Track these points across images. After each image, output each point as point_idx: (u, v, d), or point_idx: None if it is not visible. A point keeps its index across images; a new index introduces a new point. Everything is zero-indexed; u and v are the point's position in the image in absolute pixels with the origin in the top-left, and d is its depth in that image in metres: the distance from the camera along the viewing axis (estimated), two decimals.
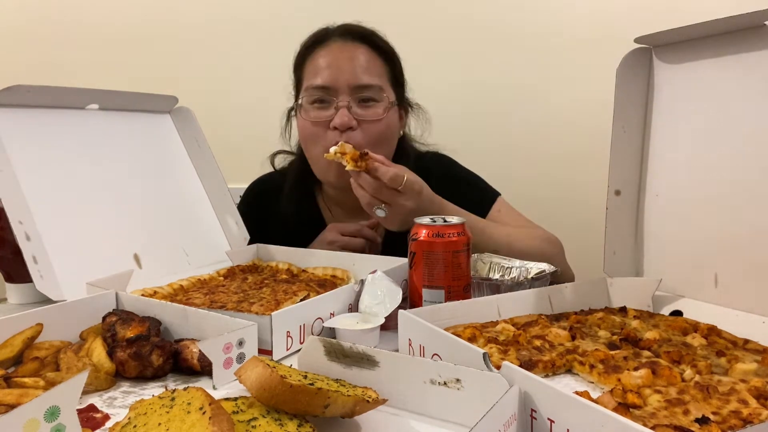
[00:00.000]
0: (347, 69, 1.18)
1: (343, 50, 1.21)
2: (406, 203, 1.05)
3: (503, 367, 0.56)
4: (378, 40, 1.24)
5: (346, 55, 1.20)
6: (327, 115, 1.18)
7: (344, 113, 1.16)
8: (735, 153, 0.80)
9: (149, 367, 0.69)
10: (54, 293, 0.88)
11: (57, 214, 0.96)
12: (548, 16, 1.85)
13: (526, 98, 1.90)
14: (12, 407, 0.56)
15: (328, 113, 1.19)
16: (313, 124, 1.20)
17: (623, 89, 0.90)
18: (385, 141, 1.22)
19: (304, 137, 1.25)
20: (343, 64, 1.19)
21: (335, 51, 1.21)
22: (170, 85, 1.31)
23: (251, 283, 1.03)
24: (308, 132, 1.22)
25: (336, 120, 1.16)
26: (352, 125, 1.17)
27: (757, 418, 0.53)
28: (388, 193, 1.05)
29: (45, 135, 1.01)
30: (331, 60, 1.20)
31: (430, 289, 0.86)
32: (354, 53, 1.20)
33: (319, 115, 1.20)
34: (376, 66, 1.22)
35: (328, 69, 1.19)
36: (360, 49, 1.21)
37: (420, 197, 1.06)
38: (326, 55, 1.21)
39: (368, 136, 1.18)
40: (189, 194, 1.22)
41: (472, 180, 1.36)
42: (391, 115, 1.22)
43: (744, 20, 0.76)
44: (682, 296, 0.86)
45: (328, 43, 1.22)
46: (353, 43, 1.21)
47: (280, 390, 0.51)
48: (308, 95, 1.21)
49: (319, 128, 1.20)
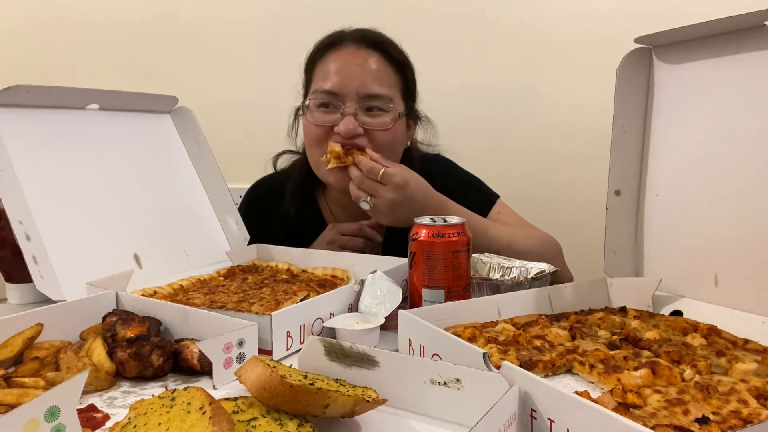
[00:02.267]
0: (357, 76, 1.16)
1: (356, 56, 1.19)
2: (387, 195, 1.07)
3: (503, 367, 0.56)
4: (392, 49, 1.22)
5: (358, 62, 1.18)
6: (332, 120, 1.17)
7: (350, 120, 1.14)
8: (735, 153, 0.80)
9: (149, 367, 0.69)
10: (54, 293, 0.88)
11: (57, 214, 0.96)
12: (548, 17, 1.85)
13: (527, 98, 1.90)
14: (12, 407, 0.56)
15: (333, 118, 1.17)
16: (317, 127, 1.19)
17: (623, 89, 0.90)
18: (391, 151, 1.20)
19: (308, 139, 1.24)
20: (354, 70, 1.17)
21: (347, 56, 1.19)
22: (170, 85, 1.31)
23: (251, 283, 1.03)
24: (312, 134, 1.21)
25: (340, 127, 1.15)
26: (358, 132, 1.15)
27: (757, 418, 0.53)
28: (370, 183, 1.07)
29: (45, 135, 1.01)
30: (342, 65, 1.18)
31: (430, 289, 0.86)
32: (366, 60, 1.18)
33: (324, 119, 1.18)
34: (387, 75, 1.20)
35: (338, 74, 1.17)
36: (373, 56, 1.19)
37: (404, 190, 1.06)
38: (338, 60, 1.19)
39: (373, 145, 1.16)
40: (189, 194, 1.22)
41: (473, 181, 1.37)
42: (398, 125, 1.21)
43: (744, 20, 0.76)
44: (682, 296, 0.86)
45: (342, 47, 1.21)
46: (367, 50, 1.20)
47: (280, 390, 0.51)
48: (316, 98, 1.19)
49: (323, 132, 1.18)
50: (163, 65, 2.14)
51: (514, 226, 1.24)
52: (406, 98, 1.25)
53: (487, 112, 1.94)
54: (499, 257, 0.98)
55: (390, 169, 1.07)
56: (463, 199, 1.15)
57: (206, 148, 1.24)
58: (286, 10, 2.01)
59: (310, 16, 1.36)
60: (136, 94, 1.15)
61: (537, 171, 1.90)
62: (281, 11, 2.02)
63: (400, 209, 1.08)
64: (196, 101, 1.30)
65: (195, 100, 1.29)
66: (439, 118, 1.39)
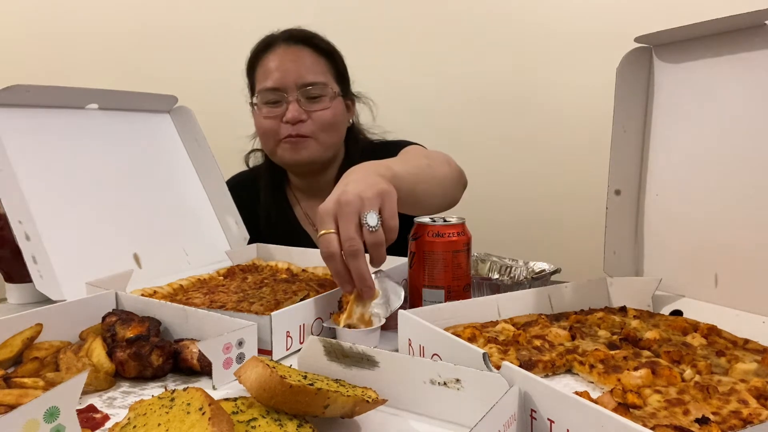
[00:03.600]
0: (293, 70, 1.30)
1: (288, 53, 1.33)
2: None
3: (503, 367, 0.56)
4: (319, 42, 1.35)
5: (291, 57, 1.32)
6: (279, 112, 1.31)
7: (294, 108, 1.29)
8: (735, 153, 0.80)
9: (149, 368, 0.69)
10: (54, 293, 0.88)
11: (57, 214, 0.96)
12: (548, 17, 1.85)
13: (527, 98, 1.90)
14: (12, 407, 0.56)
15: (280, 110, 1.31)
16: (268, 120, 1.33)
17: (623, 89, 0.90)
18: (333, 128, 1.34)
19: (261, 131, 1.36)
20: (289, 65, 1.31)
21: (281, 54, 1.33)
22: (170, 85, 1.31)
23: (251, 282, 1.03)
24: (264, 127, 1.34)
25: (288, 114, 1.29)
26: (302, 118, 1.29)
27: (757, 418, 0.53)
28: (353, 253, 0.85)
29: (45, 135, 1.01)
30: (279, 63, 1.32)
31: (430, 289, 0.86)
32: (298, 55, 1.32)
33: (272, 111, 1.32)
34: (319, 65, 1.34)
35: (277, 71, 1.31)
36: (303, 51, 1.33)
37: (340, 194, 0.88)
38: (274, 59, 1.33)
39: (317, 125, 1.31)
40: (189, 194, 1.22)
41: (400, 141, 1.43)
42: (336, 104, 1.34)
43: (744, 20, 0.76)
44: (682, 296, 0.86)
45: (275, 47, 1.34)
46: (296, 46, 1.33)
47: (280, 390, 0.51)
48: (262, 96, 1.33)
49: (274, 122, 1.32)
50: (163, 65, 2.14)
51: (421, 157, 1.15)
52: (339, 82, 1.37)
53: (487, 111, 1.94)
54: (499, 257, 0.98)
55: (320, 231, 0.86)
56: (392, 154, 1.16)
57: (206, 148, 1.24)
58: (287, 10, 2.01)
59: (310, 16, 1.36)
60: (135, 93, 1.15)
61: (537, 170, 1.90)
62: (281, 11, 2.02)
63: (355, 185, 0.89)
64: (196, 101, 1.30)
65: (195, 100, 1.29)
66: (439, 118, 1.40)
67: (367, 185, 0.81)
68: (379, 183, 0.82)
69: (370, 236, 0.78)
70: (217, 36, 2.11)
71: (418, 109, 1.92)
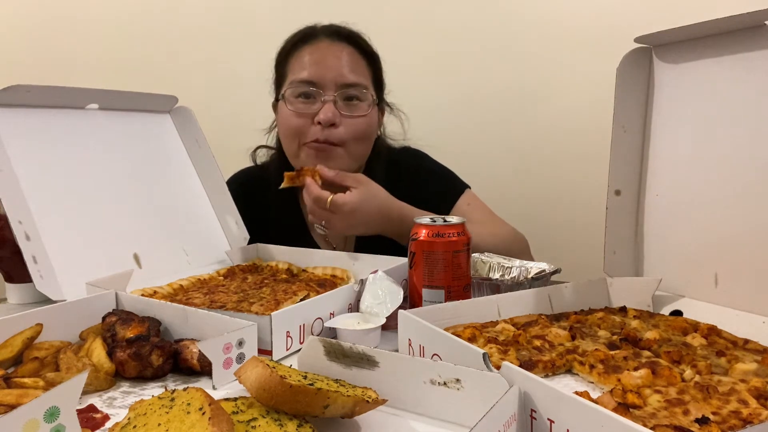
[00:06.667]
0: (334, 66, 1.20)
1: (331, 48, 1.22)
2: (338, 224, 1.08)
3: (503, 368, 0.56)
4: (363, 42, 1.26)
5: (334, 53, 1.21)
6: (312, 109, 1.19)
7: (330, 108, 1.17)
8: (735, 153, 0.80)
9: (149, 368, 0.69)
10: (54, 293, 0.88)
11: (57, 214, 0.96)
12: (547, 16, 1.85)
13: (527, 98, 1.90)
14: (12, 407, 0.56)
15: (313, 107, 1.20)
16: (297, 116, 1.21)
17: (623, 89, 0.90)
18: (366, 138, 1.25)
19: (285, 129, 1.25)
20: (331, 61, 1.20)
21: (322, 48, 1.22)
22: (170, 85, 1.31)
23: (251, 282, 1.03)
24: (291, 125, 1.22)
25: (321, 115, 1.17)
26: (336, 122, 1.18)
27: (757, 418, 0.53)
28: (320, 212, 1.07)
29: (45, 135, 1.01)
30: (319, 57, 1.21)
31: (430, 289, 0.86)
32: (341, 52, 1.22)
33: (303, 109, 1.20)
34: (360, 66, 1.24)
35: (316, 65, 1.20)
36: (347, 49, 1.23)
37: (355, 216, 1.07)
38: (314, 52, 1.22)
39: (350, 133, 1.20)
40: (189, 194, 1.22)
41: (441, 171, 1.36)
42: (373, 113, 1.25)
43: (744, 20, 0.76)
44: (682, 296, 0.86)
45: (316, 40, 1.24)
46: (340, 43, 1.23)
47: (280, 390, 0.51)
48: (293, 88, 1.21)
49: (303, 121, 1.20)
50: (163, 65, 2.14)
51: (479, 222, 1.22)
52: (377, 89, 1.29)
53: (487, 112, 1.94)
54: (498, 257, 0.98)
55: (338, 198, 1.05)
56: (431, 190, 1.15)
57: (206, 148, 1.24)
58: (287, 10, 2.01)
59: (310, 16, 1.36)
60: (135, 93, 1.15)
61: (537, 171, 1.90)
62: (281, 11, 2.02)
63: (356, 230, 1.10)
64: (196, 101, 1.30)
65: (195, 100, 1.29)
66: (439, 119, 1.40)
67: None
68: None
69: None
70: (217, 36, 2.11)
71: (418, 109, 1.92)
